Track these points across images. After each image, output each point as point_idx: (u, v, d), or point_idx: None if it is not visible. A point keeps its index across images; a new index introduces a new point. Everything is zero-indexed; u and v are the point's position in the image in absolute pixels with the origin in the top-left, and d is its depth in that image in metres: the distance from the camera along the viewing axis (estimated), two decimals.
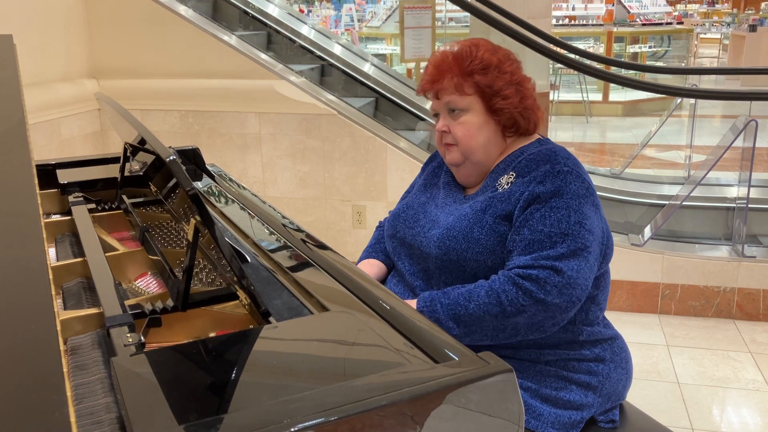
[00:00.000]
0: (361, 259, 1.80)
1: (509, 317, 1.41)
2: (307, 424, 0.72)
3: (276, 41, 4.41)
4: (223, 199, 1.78)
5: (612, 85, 8.60)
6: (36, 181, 1.11)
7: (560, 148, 1.57)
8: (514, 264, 1.43)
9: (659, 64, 10.98)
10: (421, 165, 1.83)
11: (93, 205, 1.79)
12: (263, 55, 3.85)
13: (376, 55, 5.59)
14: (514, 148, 1.59)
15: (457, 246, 1.49)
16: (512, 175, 1.52)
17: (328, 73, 4.34)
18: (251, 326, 1.12)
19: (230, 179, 1.99)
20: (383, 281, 1.73)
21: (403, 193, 1.85)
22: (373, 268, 1.74)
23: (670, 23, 11.92)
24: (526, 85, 1.59)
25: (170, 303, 1.15)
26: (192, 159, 2.10)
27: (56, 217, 1.78)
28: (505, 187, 1.51)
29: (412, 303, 1.48)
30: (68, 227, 1.70)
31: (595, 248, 1.45)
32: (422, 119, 4.24)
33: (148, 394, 0.82)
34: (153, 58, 3.99)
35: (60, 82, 3.82)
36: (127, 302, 1.18)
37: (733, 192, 3.83)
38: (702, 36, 16.09)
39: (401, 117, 4.28)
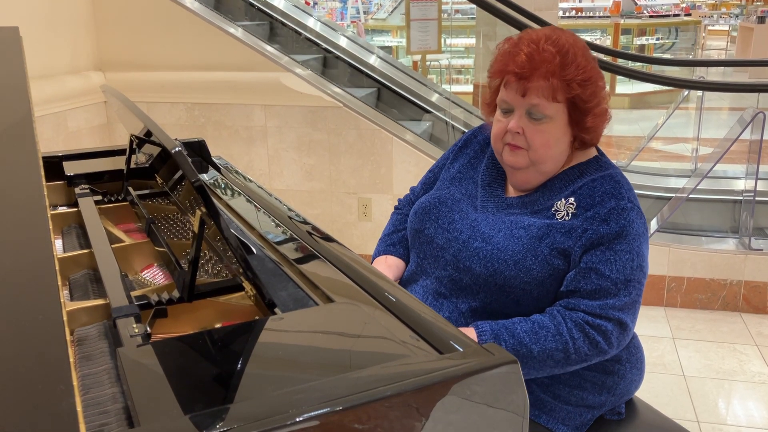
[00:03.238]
0: (378, 252, 1.69)
1: (569, 365, 1.37)
2: (311, 414, 0.72)
3: (281, 33, 4.40)
4: (229, 192, 1.78)
5: (619, 77, 8.55)
6: (42, 173, 1.12)
7: (620, 173, 1.47)
8: (580, 307, 1.36)
9: (666, 56, 10.92)
10: (426, 157, 1.75)
11: (99, 197, 1.79)
12: (269, 48, 3.85)
13: (382, 48, 5.58)
14: (573, 162, 1.49)
15: (506, 271, 1.39)
16: (573, 204, 1.42)
17: (334, 65, 4.33)
18: (257, 317, 1.12)
19: (236, 171, 1.99)
20: (401, 278, 1.63)
21: (426, 173, 1.73)
22: (390, 269, 1.62)
23: (678, 15, 11.86)
24: (606, 97, 1.45)
25: (176, 294, 1.16)
26: (198, 151, 2.10)
27: (63, 209, 1.78)
28: (566, 217, 1.41)
29: (468, 331, 1.38)
30: (75, 219, 1.70)
31: (643, 289, 1.43)
32: (427, 111, 4.24)
33: (154, 385, 0.82)
34: (159, 50, 3.99)
35: (67, 75, 3.82)
36: (134, 293, 1.19)
37: (740, 185, 3.82)
38: (710, 28, 15.99)
39: (406, 109, 4.27)
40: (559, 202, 1.44)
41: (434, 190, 1.63)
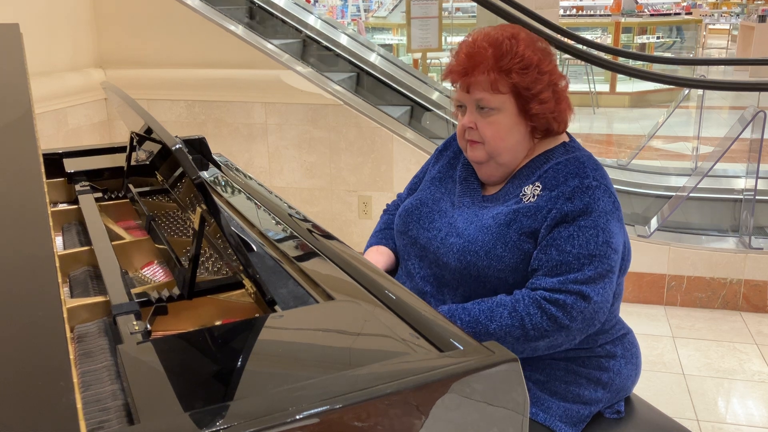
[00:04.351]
0: (369, 245, 1.73)
1: (531, 341, 1.37)
2: (311, 411, 0.72)
3: (283, 32, 4.40)
4: (229, 189, 1.78)
5: (619, 75, 8.55)
6: (43, 170, 1.12)
7: (587, 156, 1.49)
8: (540, 285, 1.37)
9: (667, 54, 10.91)
10: (426, 154, 1.78)
11: (100, 194, 1.79)
12: (270, 45, 3.84)
13: (383, 46, 5.58)
14: (540, 151, 1.51)
15: (479, 262, 1.42)
16: (538, 186, 1.45)
17: (335, 64, 4.33)
18: (257, 315, 1.12)
19: (236, 169, 1.99)
20: (392, 270, 1.67)
21: (411, 179, 1.78)
22: (382, 256, 1.66)
23: (679, 14, 11.86)
24: (561, 85, 1.49)
25: (176, 291, 1.16)
26: (198, 148, 2.11)
27: (63, 206, 1.78)
28: (531, 199, 1.44)
29: None
30: (75, 216, 1.70)
31: (617, 267, 1.42)
32: (428, 109, 4.23)
33: (154, 382, 0.82)
34: (160, 47, 3.99)
35: (67, 72, 3.82)
36: (134, 290, 1.19)
37: (741, 183, 3.82)
38: (711, 27, 15.98)
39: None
40: (527, 188, 1.47)
41: (417, 192, 1.67)
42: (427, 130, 4.12)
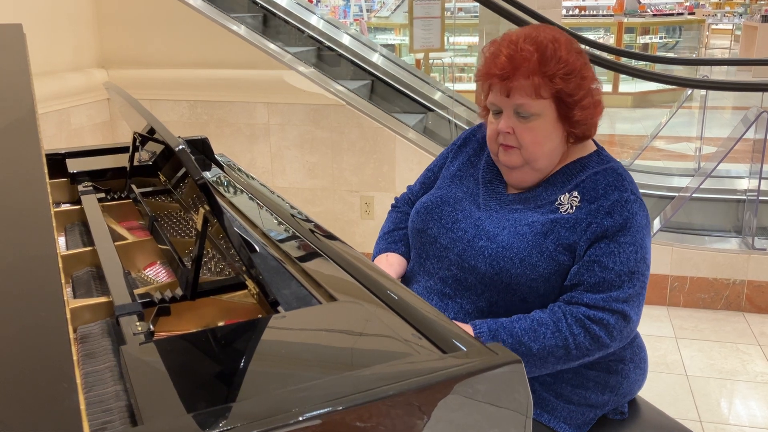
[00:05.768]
0: (378, 250, 1.68)
1: (572, 360, 1.37)
2: (314, 413, 0.72)
3: (284, 30, 4.40)
4: (231, 189, 1.78)
5: (622, 76, 8.54)
6: (46, 171, 1.12)
7: (621, 167, 1.48)
8: (583, 301, 1.36)
9: (670, 55, 10.90)
10: (429, 155, 1.74)
11: (102, 195, 1.79)
12: (272, 45, 3.84)
13: (385, 46, 5.58)
14: (573, 158, 1.49)
15: (512, 268, 1.38)
16: (576, 197, 1.42)
17: (336, 64, 4.33)
18: (260, 315, 1.12)
19: (239, 169, 1.99)
20: (404, 275, 1.62)
21: (424, 172, 1.72)
22: (392, 266, 1.60)
23: (682, 14, 11.84)
24: (597, 90, 1.46)
25: (179, 292, 1.16)
26: (201, 149, 2.10)
27: (66, 207, 1.78)
28: (570, 210, 1.41)
29: (465, 328, 1.36)
30: (78, 216, 1.70)
31: (647, 282, 1.43)
32: (431, 110, 4.23)
33: (157, 383, 0.82)
34: (162, 47, 3.99)
35: (69, 72, 3.82)
36: (137, 291, 1.18)
37: (744, 184, 3.81)
38: (714, 27, 15.96)
39: (407, 107, 4.26)
40: (563, 196, 1.45)
41: (435, 189, 1.62)
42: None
